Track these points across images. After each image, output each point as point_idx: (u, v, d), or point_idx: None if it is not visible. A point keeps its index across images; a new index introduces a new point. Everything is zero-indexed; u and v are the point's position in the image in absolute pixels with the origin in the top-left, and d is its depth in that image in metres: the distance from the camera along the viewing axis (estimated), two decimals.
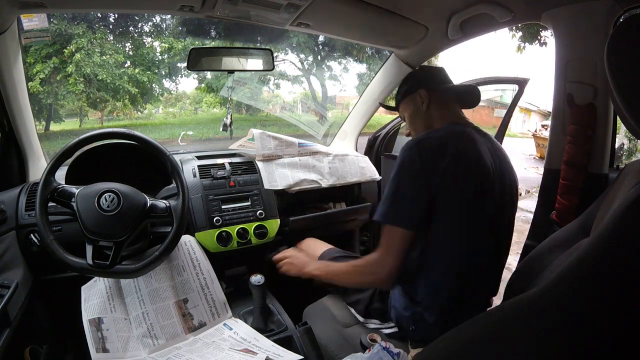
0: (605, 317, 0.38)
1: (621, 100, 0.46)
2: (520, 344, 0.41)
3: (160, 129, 8.23)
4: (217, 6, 1.02)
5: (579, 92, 1.03)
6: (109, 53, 7.17)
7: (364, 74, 9.86)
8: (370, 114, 1.71)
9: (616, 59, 0.47)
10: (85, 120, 8.42)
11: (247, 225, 1.16)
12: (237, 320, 0.98)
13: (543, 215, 1.15)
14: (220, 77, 7.88)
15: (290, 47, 8.99)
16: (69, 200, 0.85)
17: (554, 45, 1.08)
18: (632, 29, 0.48)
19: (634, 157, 5.53)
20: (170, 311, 0.93)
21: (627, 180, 0.58)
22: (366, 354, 0.83)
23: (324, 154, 1.42)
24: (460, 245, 0.83)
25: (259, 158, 1.29)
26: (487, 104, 12.87)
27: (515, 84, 1.83)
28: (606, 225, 0.43)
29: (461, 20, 1.16)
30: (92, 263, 0.82)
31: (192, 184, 1.16)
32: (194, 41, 7.97)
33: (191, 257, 1.02)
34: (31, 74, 6.29)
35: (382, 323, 1.02)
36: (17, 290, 0.84)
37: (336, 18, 1.19)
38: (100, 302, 0.90)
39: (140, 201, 0.87)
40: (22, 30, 1.21)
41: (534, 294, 0.43)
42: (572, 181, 1.05)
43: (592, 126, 1.01)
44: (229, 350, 0.84)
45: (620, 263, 0.40)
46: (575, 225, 0.74)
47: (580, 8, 0.97)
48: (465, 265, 0.85)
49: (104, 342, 0.85)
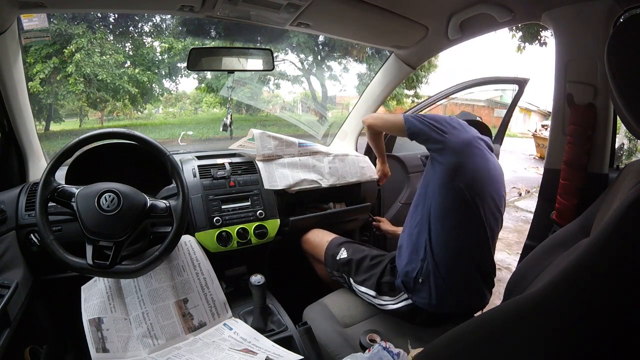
0: (605, 317, 0.38)
1: (621, 100, 0.46)
2: (521, 344, 0.41)
3: (160, 129, 8.23)
4: (217, 6, 1.02)
5: (579, 92, 1.03)
6: (109, 53, 7.17)
7: (364, 74, 9.87)
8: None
9: (616, 59, 0.47)
10: (85, 120, 8.42)
11: (247, 225, 1.16)
12: (237, 320, 0.98)
13: (543, 215, 1.15)
14: (220, 77, 7.89)
15: (290, 47, 8.99)
16: (69, 200, 0.85)
17: (554, 45, 1.08)
18: (632, 29, 0.48)
19: (634, 157, 5.53)
20: (170, 311, 0.93)
21: (627, 180, 0.58)
22: (366, 354, 0.83)
23: (324, 154, 1.42)
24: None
25: (259, 158, 1.29)
26: (487, 104, 12.88)
27: (515, 84, 1.84)
28: (606, 225, 0.43)
29: (461, 20, 1.16)
30: (92, 263, 0.82)
31: (192, 184, 1.16)
32: (194, 41, 7.97)
33: (191, 257, 1.02)
34: (31, 74, 6.29)
35: (392, 298, 1.06)
36: (17, 290, 0.84)
37: (336, 18, 1.19)
38: (100, 302, 0.90)
39: (140, 201, 0.87)
40: (22, 30, 1.21)
41: (534, 294, 0.43)
42: (572, 181, 1.05)
43: (592, 126, 1.01)
44: (229, 350, 0.84)
45: (620, 263, 0.40)
46: (575, 225, 0.74)
47: (580, 8, 0.97)
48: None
49: (104, 342, 0.85)
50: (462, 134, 1.02)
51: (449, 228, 0.99)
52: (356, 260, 1.14)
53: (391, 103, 9.41)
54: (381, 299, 1.07)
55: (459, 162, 0.98)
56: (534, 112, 14.67)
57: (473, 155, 1.00)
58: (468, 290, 1.02)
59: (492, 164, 1.04)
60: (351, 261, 1.15)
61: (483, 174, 1.00)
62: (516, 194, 5.42)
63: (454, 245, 0.99)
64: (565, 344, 0.38)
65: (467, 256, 1.00)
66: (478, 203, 0.99)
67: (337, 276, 1.20)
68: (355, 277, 1.13)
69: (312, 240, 1.32)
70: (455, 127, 1.03)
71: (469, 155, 1.00)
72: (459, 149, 0.99)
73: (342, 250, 1.19)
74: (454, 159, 0.99)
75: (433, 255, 1.00)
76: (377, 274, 1.09)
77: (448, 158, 0.99)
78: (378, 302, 1.08)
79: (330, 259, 1.21)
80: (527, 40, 5.98)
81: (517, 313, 0.44)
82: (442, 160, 1.00)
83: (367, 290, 1.09)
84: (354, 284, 1.13)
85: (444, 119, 1.05)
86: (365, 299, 1.12)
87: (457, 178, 0.98)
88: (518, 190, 5.54)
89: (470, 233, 1.00)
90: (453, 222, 0.99)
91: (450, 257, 0.99)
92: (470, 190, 0.98)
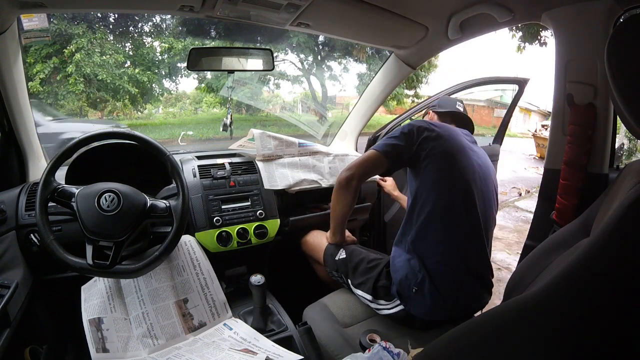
0: (605, 317, 0.38)
1: (621, 100, 0.46)
2: (521, 344, 0.41)
3: (160, 129, 8.23)
4: (217, 6, 1.02)
5: (579, 92, 1.03)
6: (109, 53, 7.18)
7: (364, 74, 9.88)
8: (370, 114, 1.71)
9: (616, 59, 0.47)
10: (85, 121, 8.42)
11: (247, 225, 1.16)
12: (237, 320, 0.98)
13: (543, 215, 1.15)
14: (220, 77, 7.89)
15: (290, 47, 9.00)
16: (69, 200, 0.85)
17: (554, 45, 1.07)
18: (632, 29, 0.48)
19: (634, 157, 5.53)
20: (170, 311, 0.93)
21: (627, 180, 0.58)
22: (366, 354, 0.83)
23: (324, 154, 1.42)
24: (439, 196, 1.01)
25: (259, 158, 1.29)
26: (487, 104, 12.89)
27: (515, 84, 1.84)
28: (606, 225, 0.43)
29: (461, 20, 1.16)
30: (92, 263, 0.82)
31: (192, 184, 1.16)
32: (194, 41, 7.98)
33: (191, 257, 1.02)
34: (31, 74, 6.29)
35: (388, 302, 1.05)
36: (17, 290, 0.84)
37: (336, 18, 1.19)
38: (100, 302, 0.90)
39: (140, 201, 0.87)
40: (22, 30, 1.21)
41: (534, 294, 0.43)
42: (572, 181, 1.04)
43: (592, 126, 1.01)
44: (229, 350, 0.84)
45: (620, 263, 0.40)
46: (575, 225, 0.74)
47: (580, 8, 0.97)
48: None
49: (104, 342, 0.85)
50: (413, 137, 1.05)
51: (439, 236, 0.99)
52: (354, 262, 1.14)
53: (391, 103, 9.41)
54: (377, 303, 1.07)
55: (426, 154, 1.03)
56: (534, 112, 14.67)
57: (429, 143, 1.04)
58: (464, 296, 1.01)
59: (458, 142, 1.07)
60: (349, 263, 1.15)
61: (452, 147, 1.04)
62: (516, 194, 5.42)
63: (446, 253, 0.99)
64: (565, 344, 0.38)
65: (460, 262, 0.99)
66: (466, 204, 1.00)
67: (336, 276, 1.20)
68: (352, 280, 1.13)
69: (311, 242, 1.32)
70: (405, 133, 1.06)
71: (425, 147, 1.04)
72: (420, 146, 1.04)
73: (341, 251, 1.19)
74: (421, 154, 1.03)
75: (425, 266, 0.99)
76: (374, 278, 1.08)
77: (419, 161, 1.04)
78: (375, 306, 1.08)
79: (329, 259, 1.21)
80: (527, 40, 5.98)
81: (517, 313, 0.44)
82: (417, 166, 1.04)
83: (364, 294, 1.09)
84: (351, 286, 1.13)
85: (391, 133, 1.09)
86: (362, 301, 1.11)
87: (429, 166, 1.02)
88: (518, 190, 5.54)
89: (461, 237, 1.00)
90: (443, 228, 0.99)
91: (443, 264, 0.99)
92: (456, 189, 1.00)
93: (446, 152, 1.03)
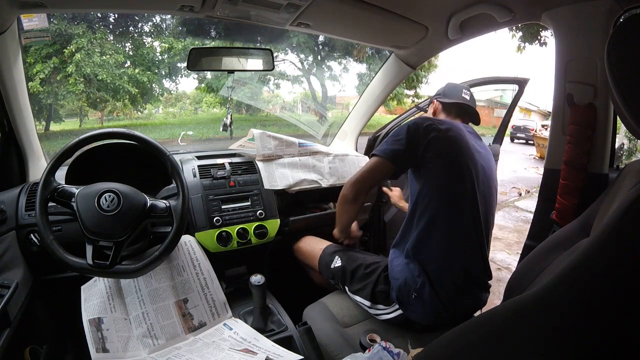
0: (605, 317, 0.38)
1: (621, 100, 0.46)
2: (521, 344, 0.41)
3: (160, 129, 8.24)
4: (217, 6, 1.02)
5: (579, 92, 1.03)
6: (109, 53, 7.18)
7: (364, 74, 9.89)
8: (370, 114, 1.71)
9: (616, 59, 0.46)
10: (85, 120, 8.43)
11: (247, 225, 1.16)
12: (237, 320, 0.98)
13: (543, 215, 1.15)
14: (220, 77, 7.89)
15: (290, 47, 9.00)
16: (69, 200, 0.85)
17: (554, 45, 1.07)
18: (632, 29, 0.48)
19: (634, 157, 5.54)
20: (170, 311, 0.93)
21: (627, 180, 0.58)
22: (366, 354, 0.83)
23: (324, 154, 1.42)
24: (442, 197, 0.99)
25: (259, 158, 1.29)
26: (487, 104, 12.90)
27: (515, 84, 1.83)
28: (606, 225, 0.43)
29: (461, 20, 1.16)
30: (92, 263, 0.82)
31: (192, 184, 1.16)
32: (194, 41, 7.99)
33: (191, 257, 1.02)
34: (31, 74, 6.29)
35: (386, 307, 1.04)
36: (17, 290, 0.84)
37: (336, 18, 1.19)
38: (100, 302, 0.90)
39: (140, 201, 0.87)
40: (22, 30, 1.21)
41: (534, 294, 0.43)
42: (572, 181, 1.04)
43: (592, 126, 1.01)
44: (229, 350, 0.84)
45: (620, 263, 0.40)
46: (575, 225, 0.74)
47: (580, 8, 0.97)
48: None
49: (104, 342, 0.85)
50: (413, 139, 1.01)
51: (441, 241, 0.98)
52: (350, 269, 1.12)
53: (391, 103, 9.41)
54: (376, 309, 1.06)
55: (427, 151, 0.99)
56: (534, 112, 14.68)
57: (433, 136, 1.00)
58: (463, 301, 1.00)
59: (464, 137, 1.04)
60: (345, 270, 1.13)
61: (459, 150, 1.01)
62: (516, 194, 5.43)
63: (448, 258, 0.98)
64: (565, 344, 0.38)
65: (461, 267, 0.98)
66: (469, 208, 0.99)
67: (333, 284, 1.19)
68: (350, 287, 1.11)
69: (305, 249, 1.30)
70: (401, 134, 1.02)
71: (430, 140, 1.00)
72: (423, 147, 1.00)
73: (336, 259, 1.17)
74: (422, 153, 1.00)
75: (426, 271, 0.98)
76: (372, 283, 1.06)
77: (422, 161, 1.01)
78: (373, 312, 1.06)
79: (324, 268, 1.19)
80: (527, 40, 5.97)
81: (517, 313, 0.43)
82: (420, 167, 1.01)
83: (362, 300, 1.07)
84: (349, 292, 1.12)
85: (395, 135, 1.04)
86: (361, 307, 1.10)
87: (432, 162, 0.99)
88: (518, 190, 5.55)
89: (463, 242, 0.99)
90: (446, 233, 0.98)
91: (445, 270, 0.97)
92: (460, 193, 0.98)
93: (452, 155, 1.00)
